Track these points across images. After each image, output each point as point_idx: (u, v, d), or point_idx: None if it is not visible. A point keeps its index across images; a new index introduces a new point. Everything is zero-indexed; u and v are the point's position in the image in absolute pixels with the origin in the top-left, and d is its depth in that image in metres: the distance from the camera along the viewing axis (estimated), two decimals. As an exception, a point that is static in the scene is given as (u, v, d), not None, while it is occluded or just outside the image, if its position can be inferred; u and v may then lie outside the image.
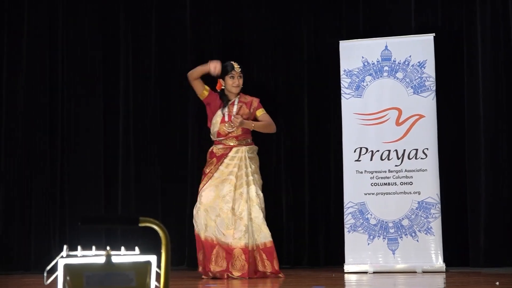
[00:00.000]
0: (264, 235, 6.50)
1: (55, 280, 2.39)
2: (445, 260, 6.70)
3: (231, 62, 6.75)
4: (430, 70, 6.89)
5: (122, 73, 7.79)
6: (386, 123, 6.94)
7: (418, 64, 6.92)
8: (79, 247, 2.66)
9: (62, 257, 2.41)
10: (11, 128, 7.58)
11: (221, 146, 6.70)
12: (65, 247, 2.51)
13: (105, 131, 7.73)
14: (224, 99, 6.73)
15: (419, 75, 6.91)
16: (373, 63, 7.00)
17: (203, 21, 7.88)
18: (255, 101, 6.81)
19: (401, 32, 7.36)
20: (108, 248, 2.40)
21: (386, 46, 7.01)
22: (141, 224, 2.45)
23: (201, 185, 6.67)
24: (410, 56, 6.94)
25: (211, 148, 6.77)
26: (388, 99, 6.97)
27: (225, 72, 6.69)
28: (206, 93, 6.74)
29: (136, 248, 2.64)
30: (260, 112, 6.79)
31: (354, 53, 7.06)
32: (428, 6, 7.62)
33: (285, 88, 7.86)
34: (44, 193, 7.53)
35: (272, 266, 6.46)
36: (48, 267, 2.62)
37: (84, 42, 7.78)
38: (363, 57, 7.02)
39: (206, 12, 7.89)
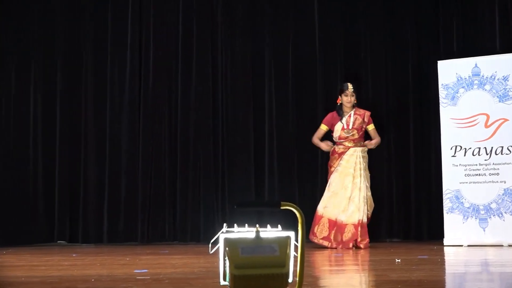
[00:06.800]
0: (361, 215, 6.60)
1: (218, 250, 2.43)
2: (528, 236, 6.40)
3: (347, 83, 6.87)
4: (513, 82, 6.61)
5: (266, 69, 7.80)
6: (477, 126, 6.70)
7: (502, 77, 6.64)
8: (235, 225, 2.70)
9: (222, 232, 2.45)
10: (183, 130, 7.74)
11: (341, 146, 6.86)
12: (225, 224, 2.55)
13: (254, 130, 7.75)
14: (340, 113, 6.90)
15: (503, 87, 6.63)
16: (465, 78, 6.77)
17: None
18: (367, 115, 6.89)
19: (488, 51, 7.07)
20: (257, 225, 2.43)
21: (476, 64, 6.76)
22: (282, 207, 2.47)
23: (329, 175, 6.89)
24: (495, 72, 6.67)
25: (334, 147, 6.91)
26: (478, 107, 6.72)
27: (341, 90, 6.88)
28: (326, 128, 6.98)
29: (279, 226, 2.66)
30: (371, 127, 6.91)
31: (449, 71, 6.85)
32: (510, 27, 7.31)
33: (394, 99, 7.73)
34: (210, 183, 7.67)
35: (362, 239, 6.54)
36: (212, 240, 2.67)
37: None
38: (456, 73, 6.80)
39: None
